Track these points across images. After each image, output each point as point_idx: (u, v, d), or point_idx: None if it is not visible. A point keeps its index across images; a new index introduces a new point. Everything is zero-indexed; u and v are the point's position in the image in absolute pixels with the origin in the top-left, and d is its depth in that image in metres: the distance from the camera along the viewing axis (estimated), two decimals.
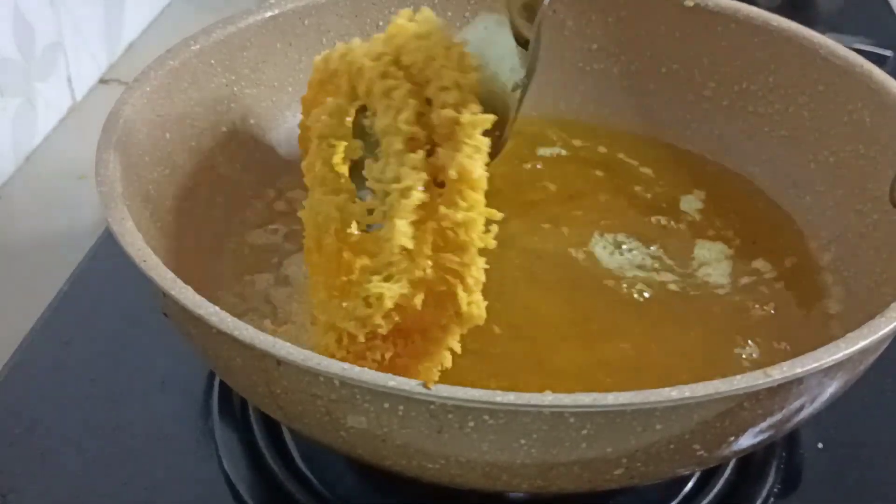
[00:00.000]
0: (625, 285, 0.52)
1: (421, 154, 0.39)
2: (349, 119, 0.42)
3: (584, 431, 0.36)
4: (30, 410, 0.52)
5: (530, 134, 0.62)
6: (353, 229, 0.42)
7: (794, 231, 0.56)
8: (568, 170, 0.60)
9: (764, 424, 0.40)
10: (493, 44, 0.41)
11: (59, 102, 0.77)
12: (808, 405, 0.41)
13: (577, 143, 0.62)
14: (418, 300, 0.39)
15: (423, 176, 0.39)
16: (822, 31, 0.57)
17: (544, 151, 0.61)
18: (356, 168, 0.42)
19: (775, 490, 0.50)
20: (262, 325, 0.49)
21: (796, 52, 0.57)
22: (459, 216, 0.39)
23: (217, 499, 0.49)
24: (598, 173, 0.60)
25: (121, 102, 0.49)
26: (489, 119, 0.38)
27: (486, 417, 0.36)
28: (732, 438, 0.40)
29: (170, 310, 0.42)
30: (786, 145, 0.58)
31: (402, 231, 0.38)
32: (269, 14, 0.57)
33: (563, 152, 0.61)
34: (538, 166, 0.60)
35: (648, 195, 0.59)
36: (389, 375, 0.36)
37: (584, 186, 0.59)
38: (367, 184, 0.40)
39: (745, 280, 0.53)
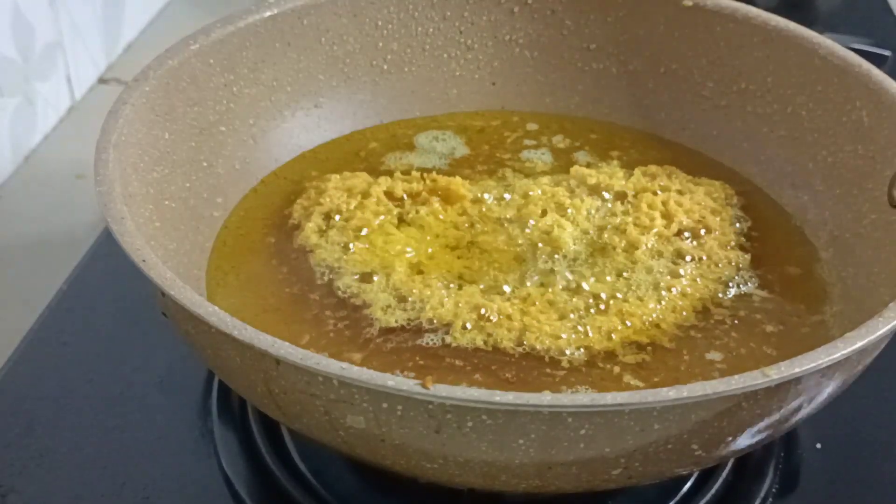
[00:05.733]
0: None
1: None
2: None
3: (583, 431, 0.36)
4: (28, 410, 0.52)
5: (529, 132, 0.62)
6: None
7: (792, 230, 0.56)
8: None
9: (762, 424, 0.40)
10: None
11: (58, 102, 0.77)
12: (806, 405, 0.41)
13: (576, 142, 0.62)
14: None
15: None
16: (821, 31, 0.57)
17: (543, 151, 0.61)
18: None
19: (773, 490, 0.50)
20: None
21: (795, 52, 0.57)
22: None
23: (216, 498, 0.49)
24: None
25: (120, 102, 0.49)
26: None
27: (485, 417, 0.36)
28: (730, 438, 0.40)
29: (169, 309, 0.42)
30: (784, 145, 0.58)
31: None
32: (267, 14, 0.57)
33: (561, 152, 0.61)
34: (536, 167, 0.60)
35: None
36: (388, 375, 0.36)
37: None
38: None
39: (742, 279, 0.53)
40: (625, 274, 0.51)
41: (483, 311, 0.48)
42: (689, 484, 0.49)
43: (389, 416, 0.37)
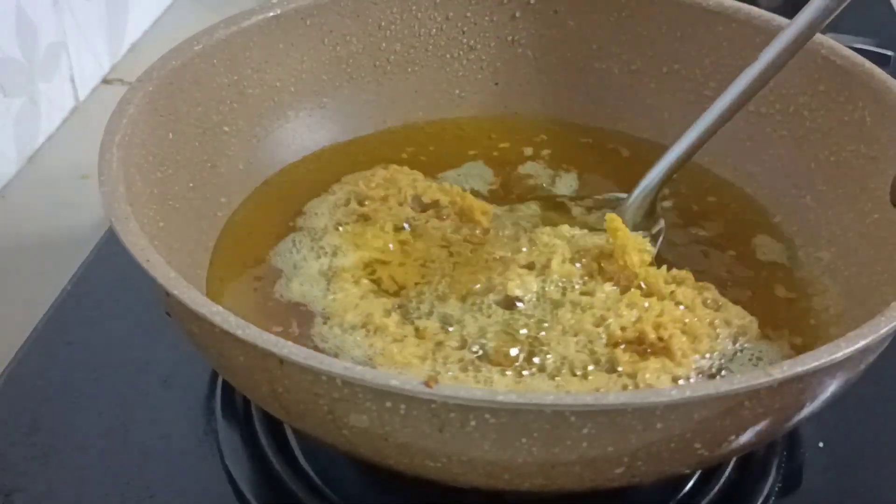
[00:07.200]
0: None
1: None
2: None
3: (586, 430, 0.36)
4: (33, 410, 0.52)
5: (531, 133, 0.62)
6: None
7: (795, 230, 0.56)
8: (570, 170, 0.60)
9: (764, 423, 0.40)
10: None
11: (62, 102, 0.77)
12: (809, 404, 0.41)
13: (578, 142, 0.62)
14: None
15: None
16: (823, 31, 0.57)
17: (544, 151, 0.61)
18: None
19: (776, 489, 0.50)
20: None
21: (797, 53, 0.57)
22: None
23: (220, 498, 0.49)
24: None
25: (124, 102, 0.49)
26: None
27: (488, 416, 0.36)
28: (733, 437, 0.40)
29: (173, 309, 0.42)
30: (786, 145, 0.58)
31: None
32: (271, 14, 0.57)
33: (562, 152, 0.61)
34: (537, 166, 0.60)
35: None
36: (391, 374, 0.36)
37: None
38: None
39: (744, 279, 0.53)
40: (538, 350, 0.46)
41: (368, 321, 0.48)
42: (691, 482, 0.49)
43: (392, 416, 0.37)
